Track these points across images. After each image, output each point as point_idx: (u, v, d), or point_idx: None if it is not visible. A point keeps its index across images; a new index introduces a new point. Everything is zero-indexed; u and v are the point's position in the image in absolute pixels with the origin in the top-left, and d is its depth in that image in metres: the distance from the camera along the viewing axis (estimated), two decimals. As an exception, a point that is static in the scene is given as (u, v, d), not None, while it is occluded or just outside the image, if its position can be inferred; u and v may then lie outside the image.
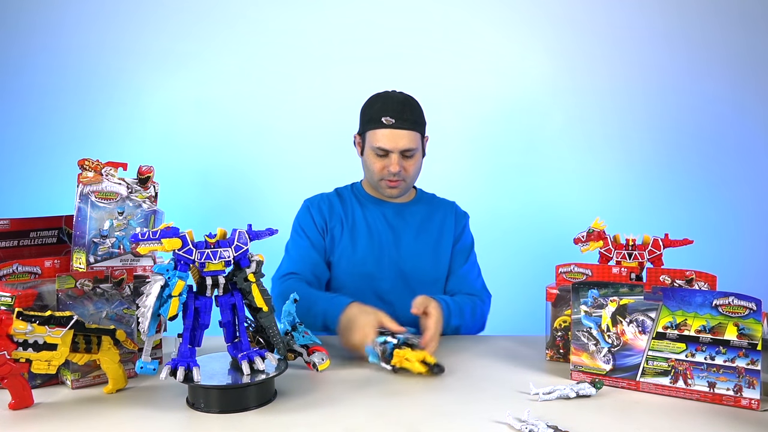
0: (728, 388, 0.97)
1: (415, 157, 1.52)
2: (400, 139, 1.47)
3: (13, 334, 0.93)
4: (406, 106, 1.51)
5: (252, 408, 0.95)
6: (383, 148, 1.48)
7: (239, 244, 0.97)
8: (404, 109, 1.50)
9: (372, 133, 1.50)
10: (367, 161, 1.54)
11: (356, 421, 0.91)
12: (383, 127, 1.47)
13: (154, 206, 1.21)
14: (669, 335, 1.01)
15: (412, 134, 1.49)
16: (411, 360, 1.10)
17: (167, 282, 0.92)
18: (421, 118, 1.54)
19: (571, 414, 0.93)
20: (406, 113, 1.49)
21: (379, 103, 1.51)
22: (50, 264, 1.12)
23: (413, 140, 1.49)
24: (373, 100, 1.54)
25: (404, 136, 1.47)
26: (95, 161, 1.16)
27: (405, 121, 1.48)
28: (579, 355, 1.09)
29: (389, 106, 1.49)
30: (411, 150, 1.49)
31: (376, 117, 1.49)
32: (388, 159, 1.49)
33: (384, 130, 1.47)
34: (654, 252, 1.20)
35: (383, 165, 1.50)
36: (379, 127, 1.48)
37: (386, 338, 1.15)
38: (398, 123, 1.47)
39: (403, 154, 1.49)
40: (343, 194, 1.65)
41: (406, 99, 1.53)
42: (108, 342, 1.01)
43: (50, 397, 1.00)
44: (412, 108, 1.51)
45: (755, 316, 0.95)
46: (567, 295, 1.17)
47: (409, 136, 1.48)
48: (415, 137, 1.50)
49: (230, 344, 1.00)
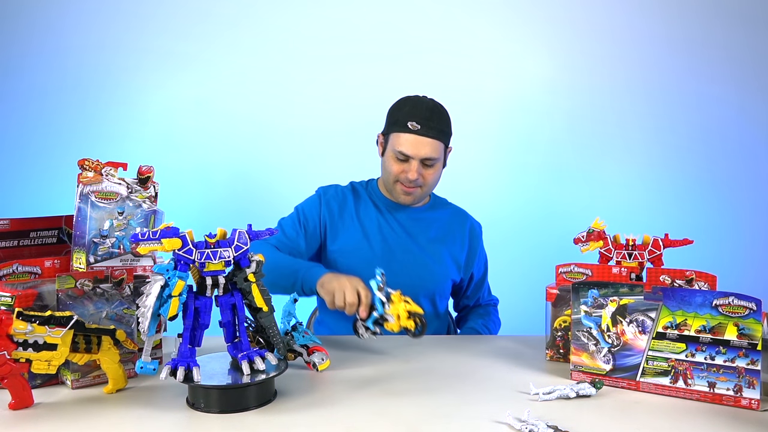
0: (728, 388, 0.97)
1: (436, 167, 1.49)
2: (423, 146, 1.44)
3: (13, 334, 0.93)
4: (434, 113, 1.47)
5: (252, 408, 0.95)
6: (404, 153, 1.44)
7: (239, 244, 0.97)
8: (432, 117, 1.46)
9: (396, 135, 1.46)
10: (386, 163, 1.51)
11: (356, 421, 0.91)
12: (408, 131, 1.44)
13: (154, 206, 1.21)
14: (669, 335, 1.01)
15: (435, 143, 1.45)
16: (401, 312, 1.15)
17: (167, 282, 0.91)
18: (448, 127, 1.51)
19: (571, 414, 0.93)
20: (433, 121, 1.46)
21: (408, 107, 1.48)
22: (50, 264, 1.12)
23: (436, 149, 1.46)
24: (402, 102, 1.51)
25: (427, 144, 1.44)
26: (95, 161, 1.16)
27: (431, 129, 1.44)
28: (579, 355, 1.09)
29: (417, 112, 1.45)
30: (432, 159, 1.46)
31: (402, 120, 1.45)
32: (407, 165, 1.46)
33: (408, 135, 1.44)
34: (654, 252, 1.20)
35: (402, 169, 1.47)
36: (404, 131, 1.44)
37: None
38: (423, 130, 1.44)
39: (424, 163, 1.46)
40: (358, 192, 1.61)
41: (435, 106, 1.49)
42: (108, 342, 1.01)
43: (50, 397, 1.00)
44: (440, 116, 1.48)
45: (755, 316, 0.95)
46: (567, 295, 1.17)
47: (432, 145, 1.45)
48: (439, 147, 1.46)
49: (230, 344, 1.00)
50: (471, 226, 1.63)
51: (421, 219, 1.58)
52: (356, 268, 1.50)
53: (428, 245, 1.56)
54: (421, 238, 1.56)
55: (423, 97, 1.51)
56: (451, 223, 1.61)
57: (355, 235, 1.53)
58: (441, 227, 1.59)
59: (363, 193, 1.61)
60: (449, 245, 1.58)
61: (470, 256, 1.61)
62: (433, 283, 1.55)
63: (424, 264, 1.54)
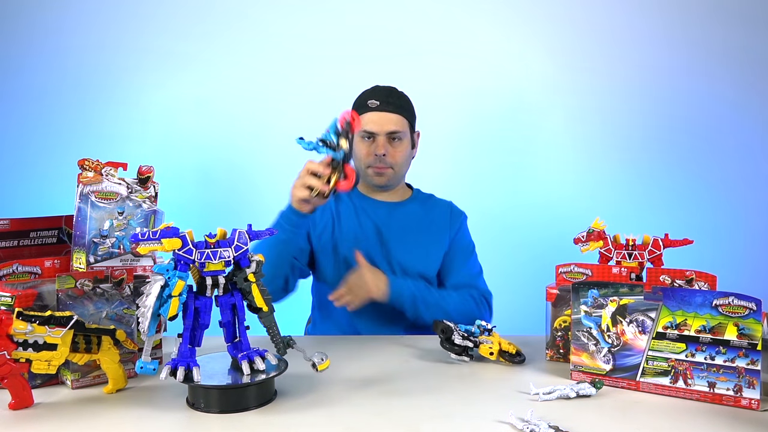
0: (728, 388, 0.97)
1: (404, 144, 1.53)
2: (386, 121, 1.49)
3: (13, 334, 0.93)
4: (393, 92, 1.54)
5: (252, 408, 0.95)
6: (369, 131, 1.50)
7: (239, 244, 0.97)
8: (390, 94, 1.53)
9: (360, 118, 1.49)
10: (355, 149, 1.53)
11: (356, 421, 0.91)
12: (369, 110, 1.50)
13: (154, 206, 1.21)
14: (669, 335, 1.01)
15: (398, 117, 1.51)
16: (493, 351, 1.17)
17: (167, 282, 0.91)
18: (409, 105, 1.56)
19: (571, 414, 0.93)
20: (392, 97, 1.53)
21: (367, 92, 1.56)
22: (50, 264, 1.12)
23: (399, 124, 1.51)
24: (362, 92, 1.58)
25: (390, 119, 1.50)
26: (95, 161, 1.16)
27: (390, 104, 1.51)
28: (579, 355, 1.09)
29: (375, 93, 1.54)
30: (397, 132, 1.50)
31: (362, 102, 1.53)
32: (374, 143, 1.50)
33: (370, 113, 1.50)
34: (654, 252, 1.20)
35: (369, 150, 1.51)
36: (366, 111, 1.50)
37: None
38: (383, 106, 1.50)
39: (390, 138, 1.50)
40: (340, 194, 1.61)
41: (393, 88, 1.56)
42: (108, 342, 1.01)
43: (50, 397, 1.00)
44: (399, 95, 1.55)
45: (755, 316, 0.95)
46: (567, 295, 1.17)
47: (395, 120, 1.50)
48: (402, 121, 1.52)
49: (230, 344, 1.00)
50: (451, 212, 1.63)
51: (399, 212, 1.59)
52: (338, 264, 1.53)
53: (405, 237, 1.56)
54: (397, 230, 1.56)
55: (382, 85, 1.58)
56: (433, 213, 1.61)
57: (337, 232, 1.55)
58: (422, 219, 1.59)
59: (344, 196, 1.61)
60: (432, 235, 1.57)
61: (451, 240, 1.60)
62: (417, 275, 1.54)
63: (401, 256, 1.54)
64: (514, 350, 1.18)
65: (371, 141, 1.51)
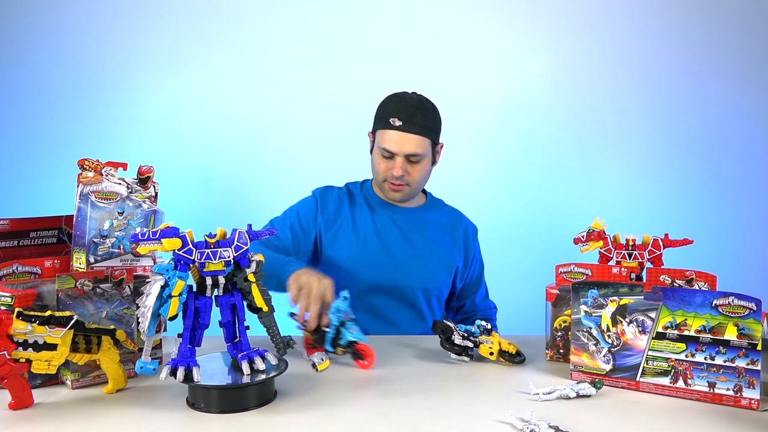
0: (728, 388, 0.97)
1: (422, 164, 1.48)
2: (407, 143, 1.43)
3: (13, 334, 0.93)
4: (418, 109, 1.45)
5: (252, 408, 0.95)
6: (389, 150, 1.44)
7: (239, 244, 0.97)
8: (415, 113, 1.44)
9: (381, 133, 1.46)
10: (373, 161, 1.52)
11: (356, 421, 0.91)
12: (391, 128, 1.43)
13: (154, 206, 1.21)
14: (669, 335, 1.01)
15: (420, 139, 1.44)
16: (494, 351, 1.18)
17: (167, 282, 0.91)
18: (434, 123, 1.49)
19: (571, 414, 0.93)
20: (416, 117, 1.44)
21: (393, 104, 1.47)
22: (50, 264, 1.12)
23: (420, 146, 1.44)
24: (388, 99, 1.50)
25: (411, 141, 1.43)
26: (95, 161, 1.16)
27: (413, 125, 1.43)
28: (579, 355, 1.09)
29: (401, 108, 1.45)
30: (417, 156, 1.45)
31: (386, 117, 1.45)
32: (392, 162, 1.46)
33: (391, 131, 1.44)
34: (654, 252, 1.20)
35: (387, 167, 1.47)
36: (388, 128, 1.44)
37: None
38: (405, 126, 1.43)
39: (409, 159, 1.45)
40: (353, 194, 1.60)
41: (420, 102, 1.47)
42: (108, 342, 1.01)
43: (50, 397, 1.00)
44: (424, 112, 1.46)
45: (755, 316, 0.95)
46: (567, 295, 1.17)
47: (416, 141, 1.43)
48: (423, 143, 1.45)
49: (230, 344, 1.00)
50: (466, 227, 1.63)
51: (416, 219, 1.58)
52: (353, 271, 1.51)
53: (424, 245, 1.55)
54: (416, 238, 1.55)
55: (410, 93, 1.50)
56: (447, 224, 1.60)
57: (351, 239, 1.53)
58: (437, 228, 1.58)
59: (358, 195, 1.60)
60: (445, 246, 1.57)
61: (466, 258, 1.61)
62: (429, 284, 1.55)
63: (420, 264, 1.54)
64: (514, 350, 1.18)
65: (390, 158, 1.46)
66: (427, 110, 1.47)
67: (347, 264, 1.52)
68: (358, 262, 1.51)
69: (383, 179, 1.50)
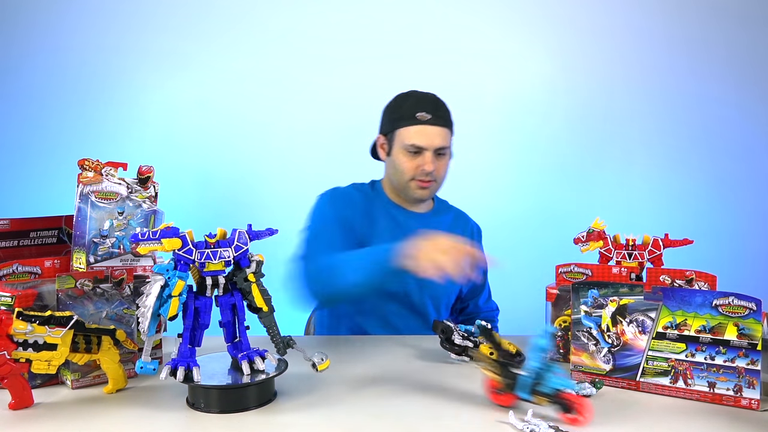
0: (728, 388, 0.97)
1: (447, 157, 1.47)
2: (436, 136, 1.41)
3: (13, 334, 0.93)
4: (440, 103, 1.46)
5: (252, 408, 0.95)
6: (417, 145, 1.40)
7: (239, 244, 0.97)
8: (439, 106, 1.44)
9: (405, 130, 1.42)
10: (396, 161, 1.45)
11: (356, 421, 0.91)
12: (418, 123, 1.40)
13: (154, 206, 1.21)
14: (669, 335, 1.01)
15: (445, 132, 1.43)
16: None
17: (167, 282, 0.91)
18: (451, 115, 1.49)
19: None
20: (440, 110, 1.44)
21: (412, 100, 1.45)
22: (50, 264, 1.12)
23: (446, 138, 1.44)
24: (403, 97, 1.48)
25: (439, 134, 1.41)
26: (95, 161, 1.16)
27: (439, 118, 1.42)
28: (579, 355, 1.09)
29: (423, 103, 1.43)
30: (445, 148, 1.43)
31: (408, 114, 1.42)
32: (421, 158, 1.41)
33: (418, 126, 1.40)
34: (654, 252, 1.20)
35: (416, 164, 1.42)
36: (414, 124, 1.41)
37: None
38: (433, 119, 1.41)
39: (437, 153, 1.43)
40: (366, 194, 1.54)
41: (436, 97, 1.47)
42: (108, 342, 1.01)
43: (50, 397, 1.00)
44: (444, 105, 1.47)
45: (755, 316, 0.95)
46: (567, 295, 1.17)
47: (443, 134, 1.42)
48: (448, 135, 1.45)
49: (230, 344, 1.00)
50: (472, 229, 1.63)
51: (429, 224, 1.52)
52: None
53: None
54: None
55: (421, 91, 1.49)
56: (455, 227, 1.59)
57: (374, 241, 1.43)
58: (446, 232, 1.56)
59: (372, 198, 1.53)
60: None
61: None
62: (438, 291, 1.51)
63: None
64: (514, 350, 1.18)
65: (417, 155, 1.42)
66: (445, 106, 1.48)
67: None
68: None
69: (411, 178, 1.44)
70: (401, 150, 1.43)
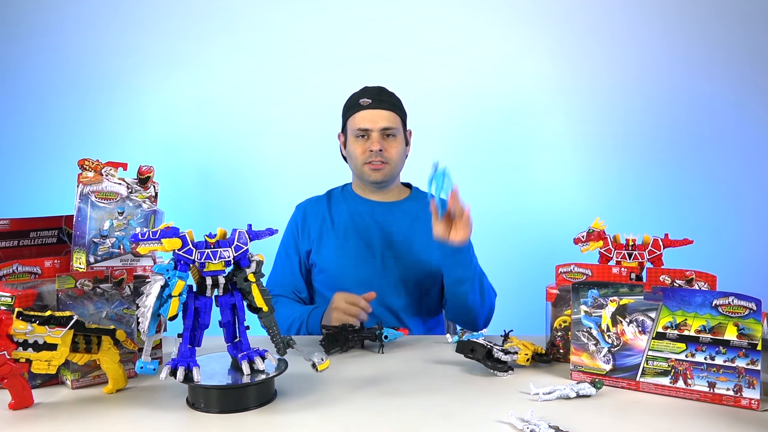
0: (728, 388, 0.97)
1: (398, 140, 1.54)
2: (380, 118, 1.51)
3: (13, 334, 0.93)
4: (383, 91, 1.58)
5: (252, 408, 0.95)
6: (363, 128, 1.51)
7: (239, 244, 0.97)
8: (381, 92, 1.56)
9: (352, 118, 1.54)
10: (349, 149, 1.56)
11: (356, 421, 0.91)
12: (362, 109, 1.52)
13: (154, 206, 1.21)
14: (669, 335, 1.01)
15: (391, 114, 1.53)
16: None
17: (167, 282, 0.92)
18: (400, 103, 1.59)
19: (571, 414, 0.93)
20: (383, 96, 1.55)
21: (357, 93, 1.59)
22: (50, 264, 1.12)
23: (392, 120, 1.53)
24: (351, 94, 1.61)
25: (383, 116, 1.52)
26: (95, 161, 1.16)
27: (382, 102, 1.53)
28: (579, 355, 1.09)
29: (366, 91, 1.57)
30: (391, 129, 1.52)
31: (354, 103, 1.55)
32: (369, 140, 1.52)
33: (363, 111, 1.52)
34: (654, 252, 1.20)
35: (365, 147, 1.52)
36: (358, 110, 1.52)
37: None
38: (375, 103, 1.52)
39: (384, 134, 1.52)
40: (332, 194, 1.67)
41: (382, 87, 1.59)
42: (108, 342, 1.01)
43: (50, 397, 1.00)
44: (389, 93, 1.57)
45: (755, 316, 0.95)
46: (567, 295, 1.17)
47: (388, 116, 1.52)
48: (394, 118, 1.54)
49: (230, 344, 1.00)
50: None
51: (396, 212, 1.59)
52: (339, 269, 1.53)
53: (410, 235, 1.56)
54: (397, 231, 1.56)
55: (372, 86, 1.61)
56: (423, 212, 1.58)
57: (332, 239, 1.57)
58: (422, 219, 1.58)
59: (337, 196, 1.65)
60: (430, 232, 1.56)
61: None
62: (421, 274, 1.55)
63: (407, 254, 1.54)
64: (541, 351, 1.17)
65: (365, 138, 1.53)
66: (392, 94, 1.58)
67: (333, 264, 1.54)
68: (343, 260, 1.54)
69: (363, 162, 1.54)
70: (352, 137, 1.55)
